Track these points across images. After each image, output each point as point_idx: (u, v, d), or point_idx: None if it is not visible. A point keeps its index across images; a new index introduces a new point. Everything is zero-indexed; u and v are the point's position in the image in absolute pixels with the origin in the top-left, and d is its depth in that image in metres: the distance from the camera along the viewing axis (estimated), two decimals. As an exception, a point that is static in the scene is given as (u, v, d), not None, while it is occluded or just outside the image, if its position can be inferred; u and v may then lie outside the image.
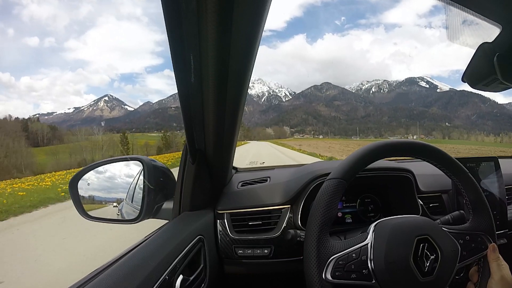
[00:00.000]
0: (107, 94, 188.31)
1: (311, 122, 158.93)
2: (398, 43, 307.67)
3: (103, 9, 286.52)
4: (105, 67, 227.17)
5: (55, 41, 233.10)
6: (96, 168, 0.83)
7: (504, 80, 0.46)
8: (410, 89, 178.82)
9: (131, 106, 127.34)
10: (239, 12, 0.43)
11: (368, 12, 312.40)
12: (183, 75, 0.53)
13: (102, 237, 3.67)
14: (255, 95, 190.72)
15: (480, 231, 0.60)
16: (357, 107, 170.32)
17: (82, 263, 3.03)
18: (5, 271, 3.00)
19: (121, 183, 0.88)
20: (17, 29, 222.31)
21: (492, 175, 0.95)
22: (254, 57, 0.55)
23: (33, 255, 3.37)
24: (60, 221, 4.90)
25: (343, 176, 0.57)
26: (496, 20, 0.44)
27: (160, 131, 72.82)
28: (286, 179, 0.94)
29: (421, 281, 0.50)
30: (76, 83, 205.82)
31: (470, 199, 0.62)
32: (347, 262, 0.52)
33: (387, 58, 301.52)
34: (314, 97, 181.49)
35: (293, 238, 0.69)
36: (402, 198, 0.91)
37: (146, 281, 0.48)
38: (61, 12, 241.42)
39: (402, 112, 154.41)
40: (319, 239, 0.53)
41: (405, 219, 0.57)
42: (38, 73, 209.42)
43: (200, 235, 0.71)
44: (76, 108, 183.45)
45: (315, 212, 0.55)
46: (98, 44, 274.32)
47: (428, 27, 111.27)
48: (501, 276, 0.56)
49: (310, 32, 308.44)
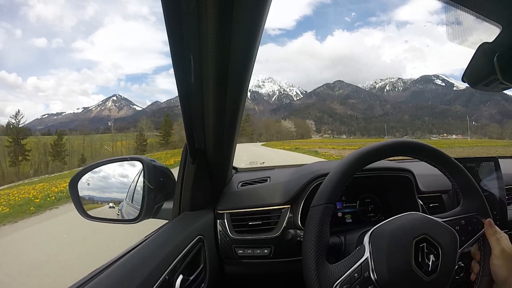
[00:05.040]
0: (115, 94, 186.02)
1: (326, 120, 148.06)
2: (409, 40, 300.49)
3: (109, 9, 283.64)
4: (112, 67, 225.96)
5: (62, 42, 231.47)
6: (96, 168, 0.83)
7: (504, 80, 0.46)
8: (425, 87, 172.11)
9: (139, 105, 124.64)
10: (239, 12, 0.43)
11: (378, 9, 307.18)
12: (183, 75, 0.53)
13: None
14: (265, 94, 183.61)
15: (473, 212, 0.60)
16: (373, 105, 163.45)
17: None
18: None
19: (121, 183, 0.88)
20: (24, 30, 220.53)
21: (492, 175, 0.95)
22: (254, 57, 0.55)
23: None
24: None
25: (328, 200, 0.55)
26: (496, 20, 0.44)
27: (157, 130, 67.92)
28: (286, 179, 0.94)
29: (426, 281, 0.50)
30: (82, 83, 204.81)
31: (459, 183, 0.62)
32: (351, 284, 0.50)
33: (399, 56, 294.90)
34: (327, 96, 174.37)
35: (293, 238, 0.69)
36: (402, 198, 0.91)
37: (146, 281, 0.48)
38: (68, 13, 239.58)
39: (423, 110, 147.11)
40: (318, 269, 0.51)
41: (398, 222, 0.56)
42: (46, 74, 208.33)
43: (200, 235, 0.71)
44: (84, 108, 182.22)
45: (307, 242, 0.53)
46: (105, 44, 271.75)
47: (440, 24, 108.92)
48: (501, 249, 0.56)
49: (319, 30, 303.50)
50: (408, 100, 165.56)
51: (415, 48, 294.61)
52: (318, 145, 38.07)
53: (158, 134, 60.10)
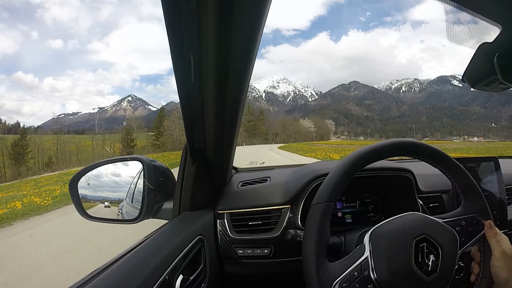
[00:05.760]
0: (130, 95, 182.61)
1: (342, 121, 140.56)
2: (425, 40, 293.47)
3: (124, 10, 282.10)
4: (127, 68, 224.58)
5: (78, 43, 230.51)
6: (96, 168, 0.83)
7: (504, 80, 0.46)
8: (442, 88, 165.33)
9: (154, 106, 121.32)
10: (239, 12, 0.43)
11: (393, 9, 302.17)
12: (183, 75, 0.53)
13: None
14: (280, 95, 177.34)
15: (474, 213, 0.60)
16: (390, 106, 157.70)
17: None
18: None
19: (121, 183, 0.88)
20: (40, 32, 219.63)
21: (492, 175, 0.95)
22: (254, 57, 0.55)
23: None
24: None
25: (329, 198, 0.55)
26: (496, 20, 0.44)
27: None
28: (286, 179, 0.94)
29: (426, 281, 0.50)
30: (98, 83, 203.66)
31: (459, 183, 0.62)
32: (351, 283, 0.50)
33: (415, 56, 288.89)
34: (342, 97, 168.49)
35: (293, 238, 0.69)
36: (402, 198, 0.91)
37: (146, 281, 0.48)
38: (83, 15, 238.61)
39: (441, 111, 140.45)
40: (318, 267, 0.51)
41: (399, 222, 0.56)
42: (62, 75, 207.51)
43: (200, 235, 0.71)
44: (100, 108, 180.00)
45: (308, 241, 0.54)
46: (120, 45, 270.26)
47: (466, 18, 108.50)
48: (502, 251, 0.56)
49: (334, 30, 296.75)
50: (425, 101, 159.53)
51: (431, 47, 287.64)
52: (343, 148, 31.15)
53: (152, 133, 51.15)
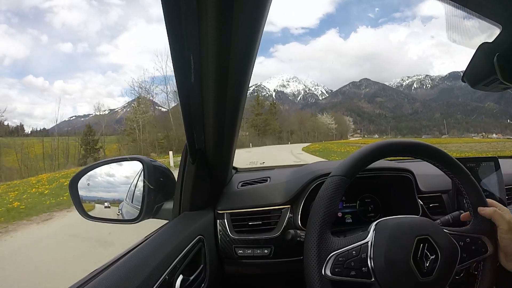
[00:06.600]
0: (139, 96, 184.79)
1: (354, 119, 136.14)
2: (436, 35, 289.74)
3: (132, 13, 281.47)
4: (136, 70, 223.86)
5: (87, 46, 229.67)
6: (96, 168, 0.83)
7: (504, 80, 0.46)
8: (454, 84, 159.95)
9: (164, 107, 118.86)
10: (239, 12, 0.43)
11: (402, 4, 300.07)
12: (183, 75, 0.53)
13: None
14: (290, 94, 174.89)
15: (481, 234, 0.60)
16: (402, 103, 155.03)
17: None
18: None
19: (121, 183, 0.88)
20: (50, 36, 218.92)
21: (492, 175, 0.95)
22: (254, 57, 0.55)
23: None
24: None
25: (346, 173, 0.57)
26: (496, 20, 0.44)
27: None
28: (286, 179, 0.94)
29: (420, 281, 0.50)
30: (107, 85, 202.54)
31: (472, 201, 0.62)
32: (347, 259, 0.52)
33: (426, 52, 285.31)
34: (353, 94, 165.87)
35: (293, 238, 0.69)
36: (402, 198, 0.91)
37: (146, 281, 0.48)
38: (92, 18, 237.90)
39: (455, 108, 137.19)
40: (320, 235, 0.54)
41: (406, 219, 0.57)
42: (72, 77, 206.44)
43: (200, 235, 0.71)
44: (111, 110, 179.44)
45: (316, 208, 0.55)
46: (129, 47, 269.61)
47: (466, 18, 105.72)
48: (507, 222, 0.57)
49: (343, 28, 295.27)
50: (437, 98, 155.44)
51: (442, 43, 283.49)
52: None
53: (130, 132, 31.84)
